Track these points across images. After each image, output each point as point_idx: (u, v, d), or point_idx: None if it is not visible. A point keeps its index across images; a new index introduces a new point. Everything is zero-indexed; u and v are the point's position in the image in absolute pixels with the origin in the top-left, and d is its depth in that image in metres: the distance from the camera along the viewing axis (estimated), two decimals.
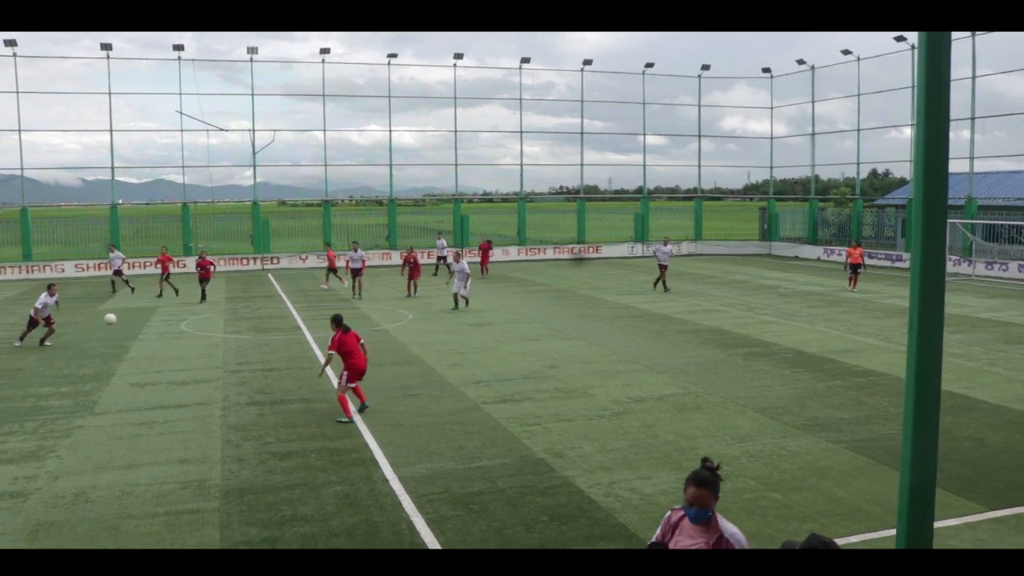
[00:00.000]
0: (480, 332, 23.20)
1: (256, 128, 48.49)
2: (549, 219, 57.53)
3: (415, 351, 20.39)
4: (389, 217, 50.81)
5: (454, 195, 52.67)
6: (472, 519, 9.89)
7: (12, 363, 20.05)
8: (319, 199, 51.42)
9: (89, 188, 63.18)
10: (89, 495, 11.00)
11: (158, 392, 16.76)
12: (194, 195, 49.44)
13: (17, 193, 48.14)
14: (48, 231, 49.11)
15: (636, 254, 52.89)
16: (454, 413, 14.62)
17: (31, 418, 14.94)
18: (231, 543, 9.33)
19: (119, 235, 46.92)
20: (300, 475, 11.55)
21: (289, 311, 28.34)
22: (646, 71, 53.85)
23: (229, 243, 49.83)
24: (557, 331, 23.19)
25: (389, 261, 47.71)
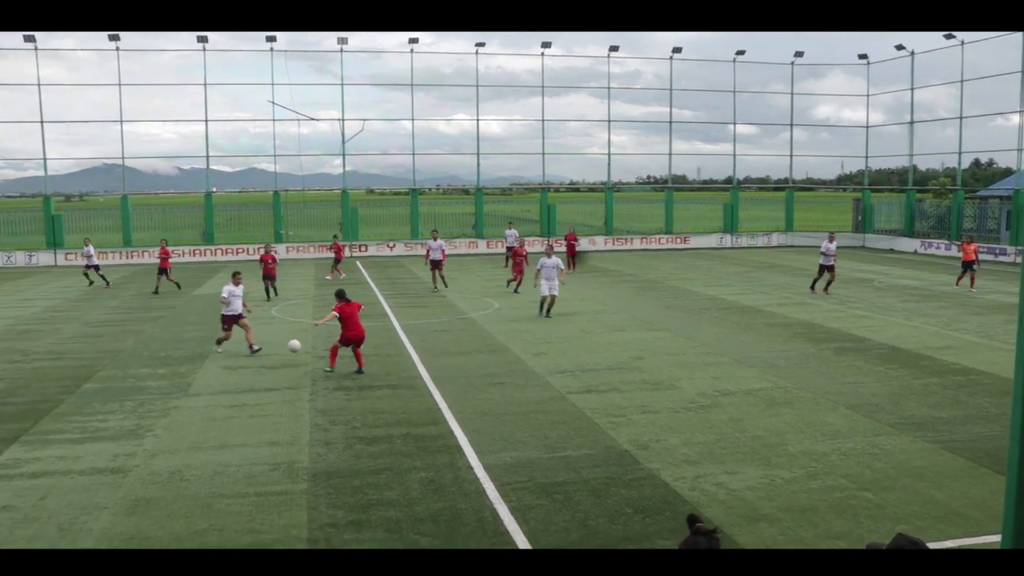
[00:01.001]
0: (566, 322, 23.15)
1: (346, 118, 49.24)
2: (636, 209, 57.04)
3: (501, 340, 20.46)
4: (476, 206, 51.07)
5: (541, 184, 52.66)
6: (555, 509, 9.88)
7: (112, 344, 20.81)
8: (407, 188, 51.98)
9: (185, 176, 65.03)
10: (184, 473, 11.35)
11: (249, 376, 17.18)
12: (285, 183, 50.53)
13: (118, 181, 50.00)
14: (146, 218, 50.83)
15: (724, 245, 52.12)
16: (539, 402, 14.63)
17: (130, 398, 15.49)
18: (318, 525, 9.51)
19: (213, 222, 48.26)
20: (386, 460, 11.71)
21: (377, 298, 28.72)
22: (737, 59, 52.88)
23: (318, 231, 50.75)
24: (643, 322, 23.00)
25: (475, 250, 47.98)
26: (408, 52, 49.27)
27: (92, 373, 17.58)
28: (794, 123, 55.54)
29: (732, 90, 53.62)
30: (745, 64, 53.84)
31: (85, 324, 24.31)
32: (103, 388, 16.31)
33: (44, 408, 14.83)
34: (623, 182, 57.99)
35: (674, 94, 53.30)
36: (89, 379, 17.05)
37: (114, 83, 46.75)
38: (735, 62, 53.01)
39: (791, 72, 54.44)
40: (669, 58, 52.58)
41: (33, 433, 13.35)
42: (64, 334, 22.66)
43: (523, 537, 9.10)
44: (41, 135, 46.83)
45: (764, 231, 54.24)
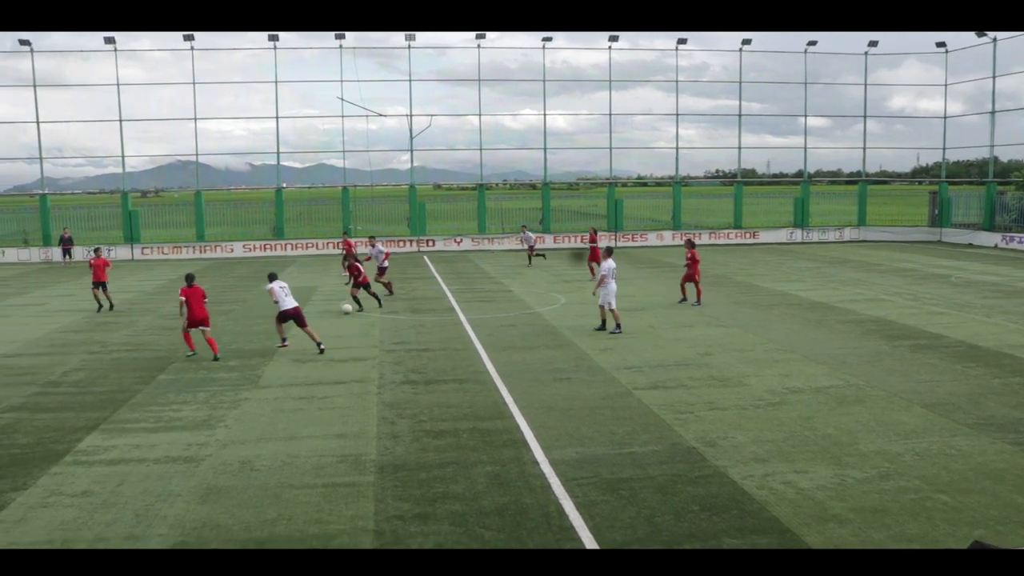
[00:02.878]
0: (633, 317, 22.99)
1: (413, 113, 49.61)
2: (705, 203, 56.45)
3: (567, 335, 20.41)
4: (543, 201, 51.07)
5: (608, 179, 52.41)
6: (621, 505, 9.81)
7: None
8: (474, 183, 52.19)
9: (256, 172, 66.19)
10: (254, 464, 11.56)
11: (318, 369, 17.43)
12: (354, 179, 51.12)
13: (192, 177, 51.18)
14: (219, 213, 51.94)
15: (795, 240, 51.24)
16: (605, 398, 14.56)
17: (203, 389, 15.83)
18: (384, 517, 9.60)
19: (283, 218, 49.04)
20: (452, 454, 11.76)
21: (444, 292, 28.90)
22: (808, 49, 51.89)
23: (386, 226, 51.28)
24: (711, 318, 22.73)
25: (542, 245, 47.93)
26: (474, 48, 49.48)
27: (166, 365, 18.02)
28: (868, 114, 54.34)
29: (803, 82, 52.69)
30: (817, 55, 52.88)
31: (160, 317, 24.92)
32: (177, 379, 16.70)
33: (121, 398, 15.25)
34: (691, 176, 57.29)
35: (743, 87, 52.65)
36: (163, 370, 17.48)
37: (188, 82, 47.85)
38: (806, 53, 52.03)
39: (864, 62, 53.24)
40: (738, 50, 51.87)
41: (111, 422, 13.74)
42: (140, 326, 23.27)
43: (588, 533, 9.06)
44: (119, 133, 48.20)
45: (836, 226, 53.13)
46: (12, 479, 11.17)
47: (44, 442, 12.74)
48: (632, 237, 50.09)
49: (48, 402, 15.23)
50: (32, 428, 13.52)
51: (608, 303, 20.60)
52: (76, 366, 18.15)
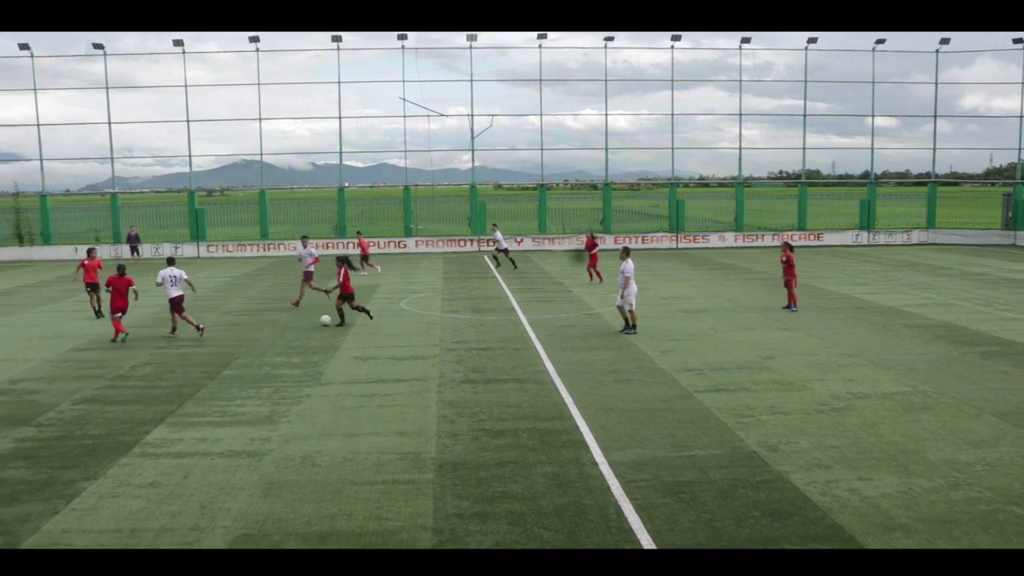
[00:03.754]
0: (694, 319, 22.80)
1: (474, 113, 49.79)
2: (768, 205, 55.74)
3: (627, 336, 20.29)
4: (604, 201, 50.87)
5: (669, 179, 51.99)
6: (681, 509, 9.72)
7: (249, 333, 21.67)
8: (534, 183, 52.21)
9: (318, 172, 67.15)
10: (315, 459, 11.70)
11: (379, 366, 17.58)
12: (415, 178, 51.52)
13: (256, 177, 52.06)
14: (282, 212, 52.74)
15: (860, 242, 50.28)
16: (666, 400, 14.44)
17: (266, 385, 16.08)
18: (443, 515, 9.63)
19: (345, 216, 49.59)
20: (511, 453, 11.77)
21: (504, 292, 28.95)
22: (876, 47, 50.87)
23: (447, 225, 51.56)
24: (774, 320, 22.41)
25: (603, 245, 47.76)
26: (535, 48, 49.64)
27: (231, 360, 18.33)
28: (938, 114, 53.02)
29: (871, 81, 51.65)
30: (885, 53, 51.76)
31: (225, 313, 25.37)
32: (241, 375, 16.99)
33: (187, 392, 15.56)
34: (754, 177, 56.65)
35: (808, 86, 51.78)
36: (228, 366, 17.79)
37: (253, 83, 48.69)
38: (874, 51, 51.03)
39: (935, 60, 52.03)
40: (804, 49, 51.05)
41: (177, 415, 14.03)
42: (205, 322, 23.69)
43: (647, 536, 8.99)
44: (187, 133, 49.24)
45: (903, 228, 51.98)
46: (84, 469, 11.48)
47: (114, 434, 13.07)
48: (694, 238, 49.66)
49: (118, 395, 15.61)
50: (103, 420, 13.87)
51: (629, 304, 20.61)
52: (144, 360, 18.57)
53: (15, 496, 10.57)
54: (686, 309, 24.59)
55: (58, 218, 50.99)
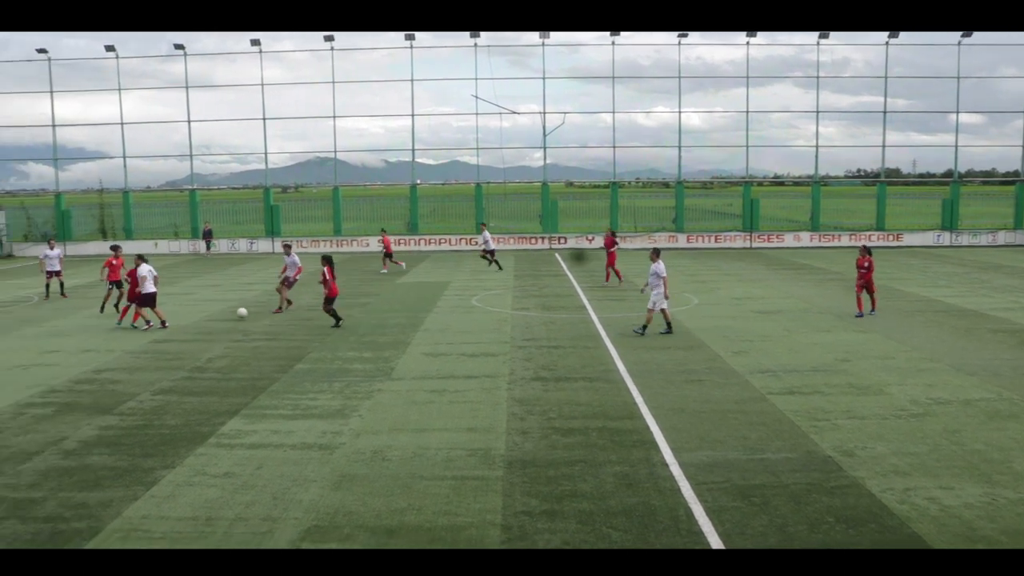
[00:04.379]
0: (768, 320, 22.42)
1: (546, 111, 49.75)
2: (845, 204, 54.51)
3: (700, 336, 20.05)
4: (676, 199, 50.38)
5: (743, 178, 51.27)
6: (753, 512, 9.55)
7: (322, 328, 21.96)
8: (606, 181, 51.96)
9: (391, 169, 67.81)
10: (385, 454, 11.80)
11: (449, 362, 17.66)
12: (487, 176, 51.66)
13: (330, 173, 52.87)
14: (355, 208, 53.38)
15: (942, 243, 48.89)
16: (738, 402, 14.22)
17: (338, 379, 16.28)
18: (512, 512, 9.63)
19: (417, 213, 49.97)
20: (581, 452, 11.71)
21: (575, 290, 28.86)
22: (961, 41, 49.33)
23: (518, 223, 51.61)
24: (850, 322, 21.90)
25: (675, 244, 47.38)
26: (608, 45, 49.24)
27: (303, 354, 18.61)
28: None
29: (955, 76, 50.08)
30: (971, 47, 50.15)
31: (298, 308, 25.76)
32: (313, 369, 17.23)
33: (261, 385, 15.84)
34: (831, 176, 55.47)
35: (889, 82, 50.45)
36: (301, 360, 18.06)
37: (328, 81, 49.43)
38: (959, 45, 49.49)
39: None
40: (885, 44, 49.81)
41: (251, 407, 14.29)
42: (279, 317, 24.13)
43: (717, 539, 8.86)
44: (263, 131, 50.20)
45: (988, 229, 50.32)
46: (162, 457, 11.77)
47: (191, 424, 13.37)
48: (768, 238, 48.87)
49: (194, 386, 15.97)
50: (180, 410, 14.21)
51: (659, 305, 20.22)
52: (220, 353, 18.96)
53: (98, 481, 10.90)
54: (760, 310, 24.19)
55: (139, 213, 52.46)
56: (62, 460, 11.81)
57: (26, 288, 32.94)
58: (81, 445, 12.45)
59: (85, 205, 53.76)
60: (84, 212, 53.30)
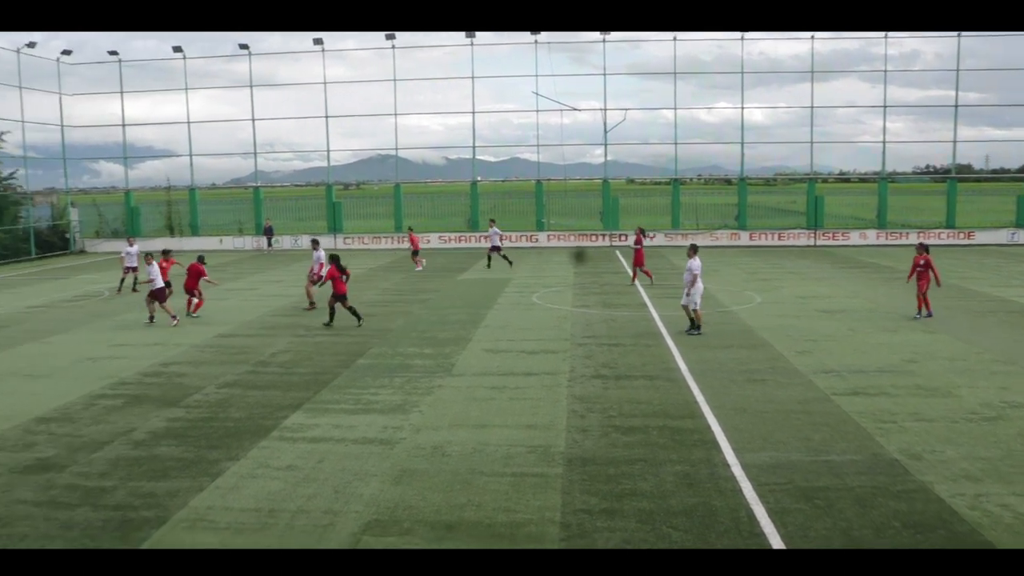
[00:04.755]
0: (832, 319, 22.02)
1: (607, 107, 49.49)
2: (913, 201, 53.19)
3: (763, 335, 19.77)
4: (739, 196, 49.74)
5: (807, 174, 50.39)
6: (816, 515, 9.38)
7: (384, 323, 22.16)
8: (667, 177, 51.53)
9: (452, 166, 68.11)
10: (445, 449, 11.85)
11: (510, 359, 17.67)
12: (547, 173, 51.57)
13: (391, 171, 53.29)
14: (416, 205, 53.76)
15: (1017, 241, 47.46)
16: (801, 402, 13.99)
17: (399, 374, 16.40)
18: (571, 510, 9.60)
19: (478, 210, 50.10)
20: (641, 451, 11.63)
21: (636, 288, 28.67)
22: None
23: (579, 220, 51.45)
24: (918, 323, 21.38)
25: (737, 242, 46.82)
26: (670, 41, 48.76)
27: (365, 350, 18.78)
28: None
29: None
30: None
31: (360, 303, 25.95)
32: (374, 364, 17.38)
33: (323, 380, 16.02)
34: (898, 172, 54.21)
35: (960, 75, 49.08)
36: (362, 355, 18.23)
37: (389, 79, 49.80)
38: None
39: None
40: (956, 36, 48.48)
41: (314, 402, 14.47)
42: (341, 312, 24.34)
43: (780, 541, 8.72)
44: (325, 129, 50.74)
45: None
46: (227, 449, 11.98)
47: (254, 417, 13.59)
48: (832, 235, 47.96)
49: (258, 380, 16.22)
50: (244, 404, 14.44)
51: (694, 303, 19.90)
52: (283, 348, 19.23)
53: (166, 472, 11.15)
54: (824, 309, 23.77)
55: (205, 210, 53.48)
56: (131, 450, 12.10)
57: (97, 283, 33.82)
58: (149, 436, 12.74)
59: (153, 202, 55.02)
60: (152, 209, 54.57)
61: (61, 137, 51.91)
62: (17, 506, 10.13)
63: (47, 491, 10.62)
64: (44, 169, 53.17)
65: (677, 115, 49.80)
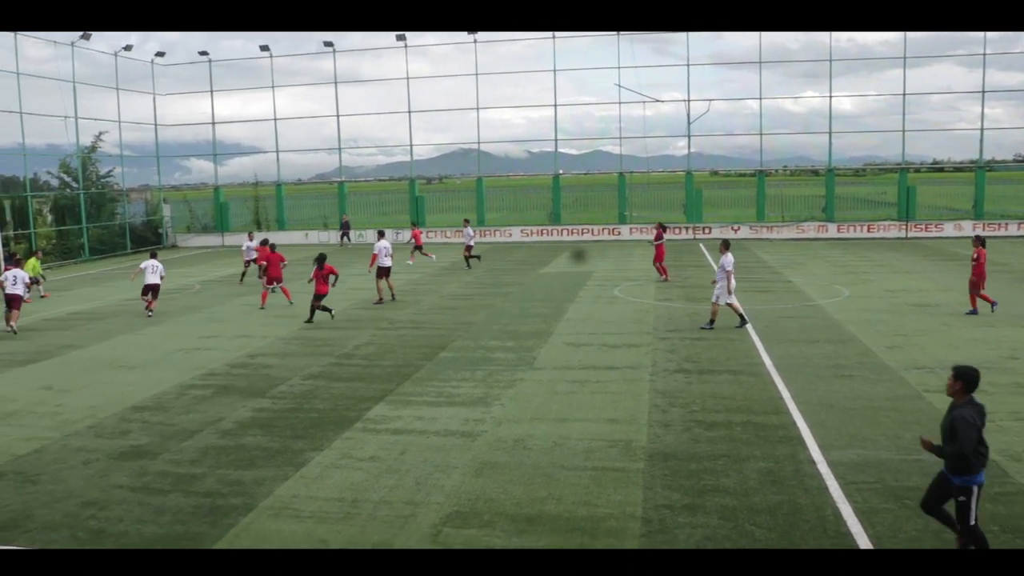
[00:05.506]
0: (925, 313, 21.33)
1: (690, 99, 48.84)
2: (1013, 190, 51.20)
3: (850, 329, 19.26)
4: (827, 188, 48.53)
5: (899, 164, 48.91)
6: (907, 516, 9.08)
7: (466, 317, 22.29)
8: (752, 169, 50.62)
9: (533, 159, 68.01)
10: (526, 443, 11.85)
11: (591, 353, 17.58)
12: (629, 165, 51.12)
13: (473, 164, 53.51)
14: (498, 199, 53.87)
15: None
16: (891, 399, 13.58)
17: (480, 368, 16.46)
18: (653, 505, 9.50)
19: (560, 204, 49.96)
20: (724, 446, 11.45)
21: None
22: None
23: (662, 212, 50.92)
24: (1018, 317, 20.55)
25: (825, 234, 45.74)
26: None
27: (447, 343, 18.91)
28: None
29: None
30: None
31: (442, 297, 26.22)
32: (456, 357, 17.49)
33: (406, 372, 16.19)
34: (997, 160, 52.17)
35: None
36: (445, 348, 18.36)
37: (471, 73, 50.00)
38: None
39: None
40: None
41: (396, 394, 14.63)
42: (424, 305, 24.61)
43: (867, 542, 8.48)
44: (408, 124, 51.28)
45: None
46: (311, 440, 12.20)
47: (338, 408, 13.80)
48: (925, 227, 46.44)
49: (342, 372, 16.48)
50: (328, 395, 14.69)
51: (726, 300, 19.56)
52: (366, 340, 19.50)
53: (252, 461, 11.40)
54: (916, 303, 23.05)
55: (291, 205, 54.55)
56: (220, 439, 12.41)
57: (188, 277, 34.83)
58: (237, 426, 13.06)
59: (241, 198, 56.35)
60: (240, 204, 55.91)
61: (155, 136, 53.61)
62: (114, 491, 10.50)
63: (141, 477, 10.98)
64: (139, 167, 54.91)
65: (763, 105, 48.88)
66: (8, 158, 44.94)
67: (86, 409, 14.36)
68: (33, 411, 14.44)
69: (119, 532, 9.23)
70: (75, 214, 45.90)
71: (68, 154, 46.89)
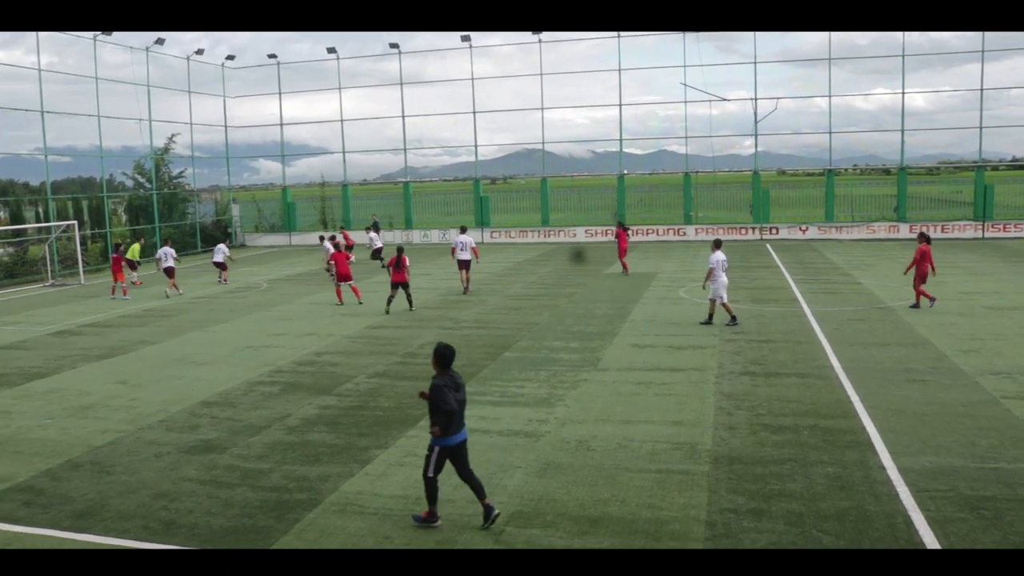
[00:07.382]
0: (1002, 316, 20.72)
1: (757, 97, 48.19)
2: None
3: (923, 332, 18.80)
4: (898, 187, 47.46)
5: (976, 162, 47.58)
6: (982, 526, 8.82)
7: (530, 317, 22.28)
8: (821, 168, 49.71)
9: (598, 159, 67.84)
10: (590, 444, 11.80)
11: (656, 354, 17.45)
12: (695, 165, 50.61)
13: (538, 165, 53.58)
14: (562, 199, 53.79)
15: None
16: (966, 405, 13.21)
17: (544, 368, 16.45)
18: (717, 509, 9.38)
19: (624, 204, 49.71)
20: (791, 450, 11.26)
21: (787, 283, 27.81)
22: None
23: (728, 212, 50.35)
24: None
25: (896, 235, 44.73)
26: None
27: (511, 343, 18.93)
28: None
29: None
30: None
31: (506, 297, 26.26)
32: (521, 357, 17.50)
33: (470, 372, 16.23)
34: None
35: None
36: (509, 348, 18.38)
37: (536, 73, 50.01)
38: None
39: None
40: None
41: None
42: (488, 305, 24.68)
43: None
44: (472, 124, 51.49)
45: None
46: (376, 437, 12.32)
47: (402, 407, 13.91)
48: (1004, 227, 45.08)
49: (407, 371, 16.61)
50: (393, 393, 14.82)
51: (720, 297, 20.21)
52: (431, 340, 19.59)
53: (318, 457, 11.56)
54: (993, 305, 22.40)
55: (356, 205, 55.17)
56: (286, 435, 12.61)
57: (256, 275, 35.44)
58: (303, 422, 13.24)
59: (308, 198, 57.22)
60: (307, 204, 56.78)
61: (224, 137, 54.77)
62: (184, 483, 10.75)
63: (210, 471, 11.21)
64: (209, 168, 56.19)
65: (832, 102, 48.00)
66: (86, 160, 46.54)
67: (158, 403, 14.73)
68: (108, 404, 14.86)
69: (189, 524, 9.44)
70: (148, 214, 47.19)
71: (142, 156, 48.21)
